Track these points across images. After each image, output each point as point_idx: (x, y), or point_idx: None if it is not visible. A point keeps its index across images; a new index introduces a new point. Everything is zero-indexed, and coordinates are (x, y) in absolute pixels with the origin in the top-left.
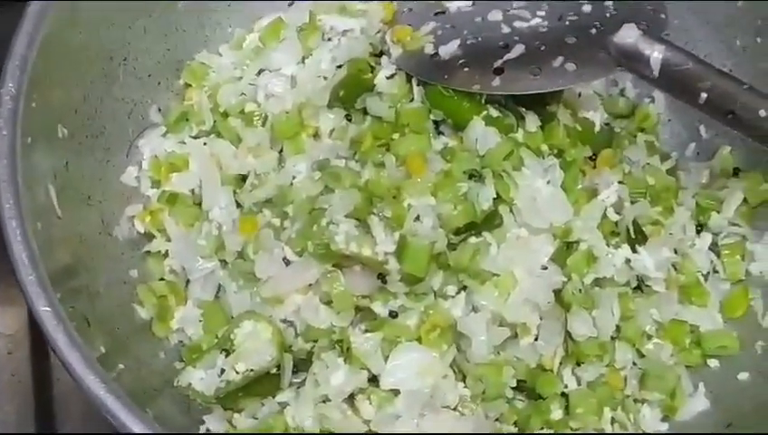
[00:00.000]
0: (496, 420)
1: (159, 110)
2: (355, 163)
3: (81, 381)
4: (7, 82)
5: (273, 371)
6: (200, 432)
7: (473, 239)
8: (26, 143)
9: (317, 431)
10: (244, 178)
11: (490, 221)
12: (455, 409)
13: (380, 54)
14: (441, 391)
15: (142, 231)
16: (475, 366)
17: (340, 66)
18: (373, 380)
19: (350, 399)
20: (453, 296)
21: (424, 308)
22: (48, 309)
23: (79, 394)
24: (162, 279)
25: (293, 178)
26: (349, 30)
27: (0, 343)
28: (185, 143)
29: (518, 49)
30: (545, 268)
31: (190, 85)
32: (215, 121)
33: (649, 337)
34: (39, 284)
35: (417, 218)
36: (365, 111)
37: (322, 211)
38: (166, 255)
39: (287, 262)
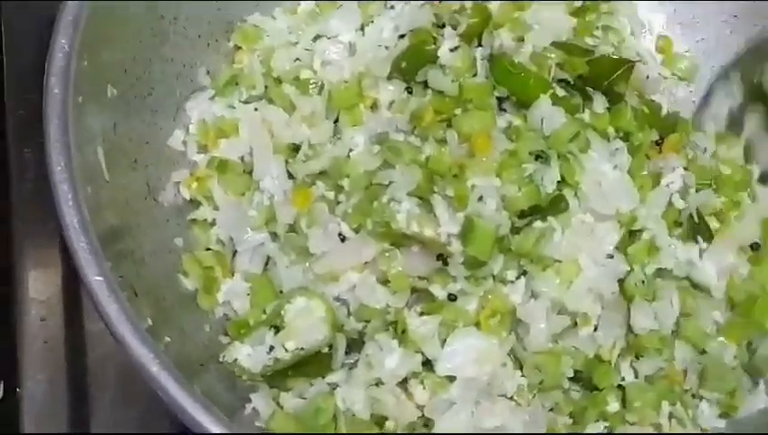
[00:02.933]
0: (551, 410)
1: (208, 72)
2: (415, 138)
3: (133, 354)
4: (60, 39)
5: (325, 350)
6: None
7: (537, 223)
8: (77, 103)
9: (368, 415)
10: (296, 147)
11: (555, 205)
12: (511, 398)
13: (443, 26)
14: (499, 379)
15: (188, 198)
16: (533, 355)
17: (402, 36)
18: (426, 364)
19: (403, 383)
20: (512, 282)
21: (483, 293)
22: (100, 278)
23: (113, 366)
24: (208, 249)
25: (350, 150)
26: None
27: (33, 310)
28: (234, 108)
29: None
30: (611, 257)
31: (240, 48)
32: (266, 87)
33: (710, 337)
34: (90, 251)
35: (481, 199)
36: (426, 85)
37: (382, 187)
38: (212, 223)
39: (343, 238)
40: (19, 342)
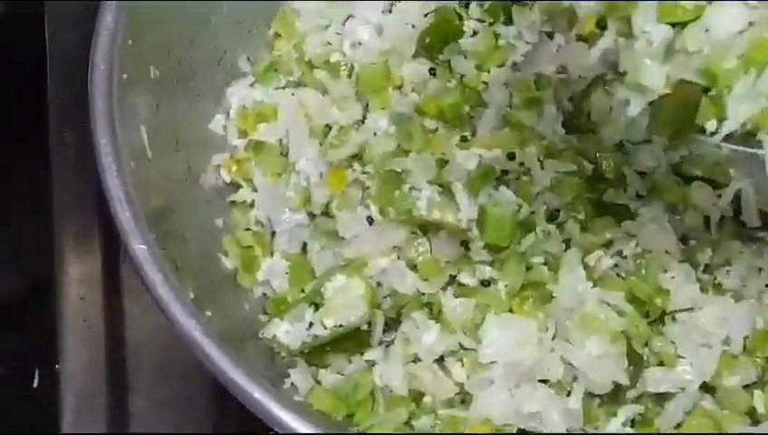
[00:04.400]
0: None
1: (249, 59)
2: (430, 121)
3: (178, 321)
4: (106, 16)
5: (364, 327)
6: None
7: None
8: (122, 80)
9: (406, 391)
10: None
11: None
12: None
13: (468, 5)
14: (543, 365)
15: (228, 180)
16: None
17: (428, 14)
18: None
19: (440, 361)
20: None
21: (513, 276)
22: (144, 246)
23: (152, 345)
24: (248, 230)
25: (374, 134)
26: None
27: (72, 288)
28: (272, 93)
29: None
30: None
31: (279, 36)
32: (302, 72)
33: None
34: (135, 220)
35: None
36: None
37: (404, 174)
38: (252, 205)
39: (371, 221)
40: (59, 321)
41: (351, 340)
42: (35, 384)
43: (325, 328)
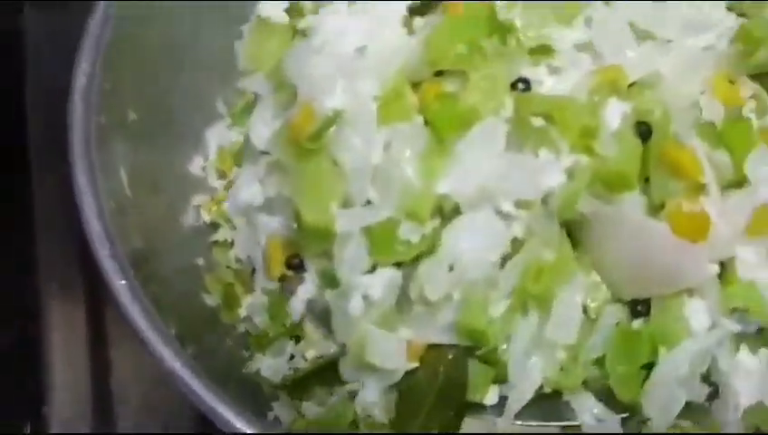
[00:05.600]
0: None
1: (225, 102)
2: None
3: (160, 356)
4: (83, 61)
5: None
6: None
7: None
8: (100, 123)
9: (386, 420)
10: None
11: None
12: None
13: None
14: None
15: (208, 220)
16: None
17: None
18: None
19: None
20: None
21: None
22: (125, 284)
23: (137, 383)
24: (228, 267)
25: None
26: None
27: (57, 332)
28: None
29: None
30: None
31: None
32: None
33: None
34: (116, 259)
35: None
36: None
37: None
38: (232, 243)
39: None
40: (45, 364)
41: (333, 371)
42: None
43: (306, 360)
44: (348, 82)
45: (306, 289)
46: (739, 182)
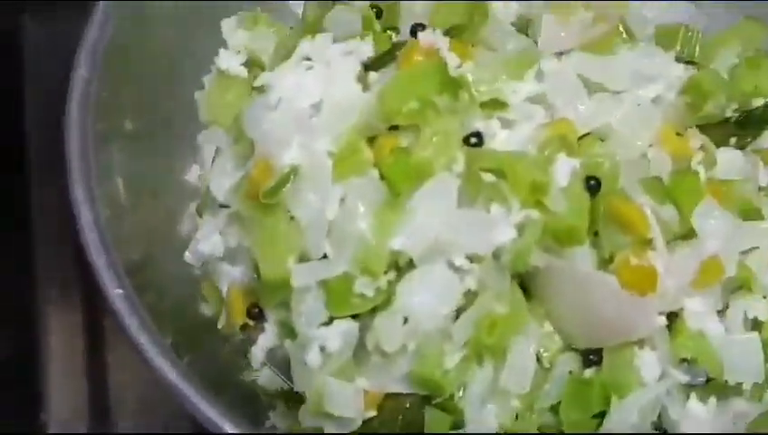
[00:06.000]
0: None
1: None
2: None
3: (155, 365)
4: (80, 68)
5: None
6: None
7: None
8: (97, 131)
9: None
10: None
11: None
12: None
13: None
14: None
15: None
16: None
17: None
18: None
19: None
20: None
21: None
22: (121, 292)
23: (134, 390)
24: None
25: None
26: None
27: (55, 339)
28: None
29: None
30: None
31: None
32: None
33: None
34: (112, 267)
35: None
36: None
37: None
38: None
39: None
40: (43, 371)
41: None
42: None
43: None
44: (304, 138)
45: (267, 338)
46: (686, 235)
